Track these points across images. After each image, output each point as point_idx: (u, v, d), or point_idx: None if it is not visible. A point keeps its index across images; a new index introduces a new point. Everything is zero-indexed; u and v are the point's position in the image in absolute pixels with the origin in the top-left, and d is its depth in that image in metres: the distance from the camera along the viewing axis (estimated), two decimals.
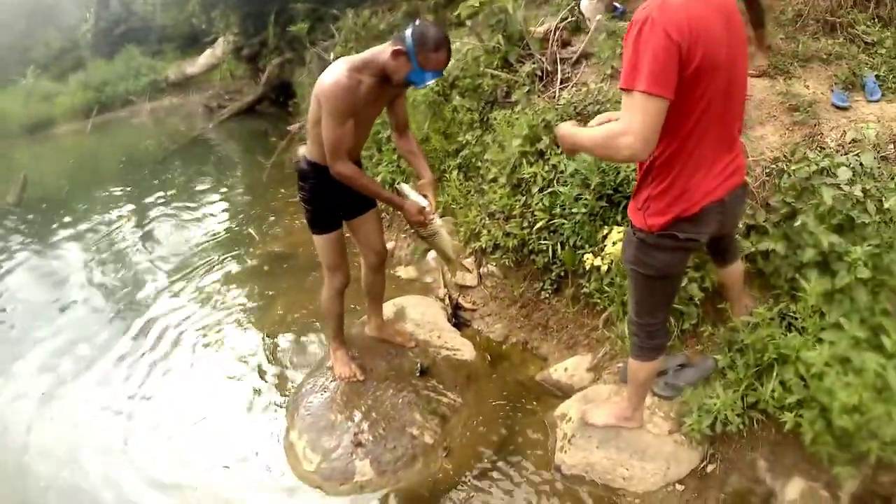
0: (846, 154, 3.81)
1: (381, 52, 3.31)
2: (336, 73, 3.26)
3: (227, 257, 7.07)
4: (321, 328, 5.13)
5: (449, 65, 5.72)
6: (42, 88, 19.96)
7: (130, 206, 9.77)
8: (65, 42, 23.97)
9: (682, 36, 2.15)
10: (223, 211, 8.81)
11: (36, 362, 5.56)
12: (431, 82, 3.39)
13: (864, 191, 3.45)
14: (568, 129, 2.63)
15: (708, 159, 2.56)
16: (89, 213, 9.67)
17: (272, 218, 8.01)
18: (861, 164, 3.63)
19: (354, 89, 3.26)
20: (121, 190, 10.79)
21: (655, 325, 3.03)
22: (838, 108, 4.31)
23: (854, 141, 3.93)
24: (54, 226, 9.30)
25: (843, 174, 3.55)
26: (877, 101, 4.35)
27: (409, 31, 3.22)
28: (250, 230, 7.72)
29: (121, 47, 20.89)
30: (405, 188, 3.61)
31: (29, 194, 10.88)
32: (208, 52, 18.60)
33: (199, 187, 10.24)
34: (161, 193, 10.13)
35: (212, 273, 6.73)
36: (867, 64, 4.63)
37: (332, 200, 3.71)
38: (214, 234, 7.85)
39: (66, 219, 9.50)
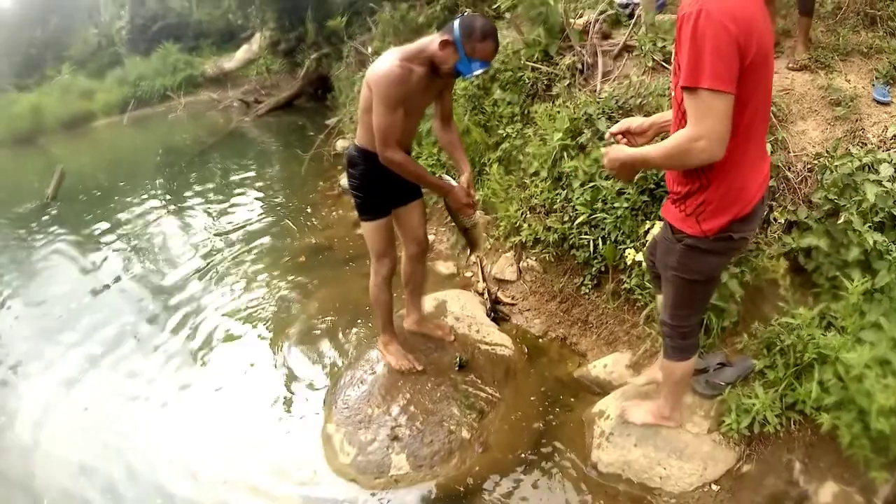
0: (888, 150, 3.75)
1: (431, 42, 3.34)
2: (389, 62, 3.29)
3: (263, 249, 7.15)
4: (359, 320, 5.14)
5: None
6: (79, 84, 20.32)
7: (167, 199, 9.93)
8: (101, 38, 24.37)
9: (738, 27, 2.07)
10: (260, 203, 8.87)
11: (67, 350, 5.66)
12: (479, 73, 3.37)
13: None
14: (627, 151, 2.53)
15: (758, 154, 2.52)
16: (126, 205, 9.83)
17: (309, 210, 8.07)
18: None
19: (406, 79, 3.29)
20: (158, 182, 10.98)
21: (690, 326, 2.99)
22: (879, 103, 4.23)
23: (895, 137, 3.87)
24: (91, 217, 9.49)
25: (885, 171, 3.50)
26: None
27: (456, 22, 3.25)
28: (287, 221, 7.77)
29: (157, 44, 21.18)
30: (447, 178, 3.62)
31: (67, 187, 11.06)
32: (245, 47, 18.80)
33: (237, 180, 10.35)
34: (198, 186, 10.32)
35: (248, 264, 6.79)
36: None
37: (381, 187, 3.70)
38: (251, 226, 7.92)
39: (104, 211, 9.71)
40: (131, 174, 12.07)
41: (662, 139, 2.50)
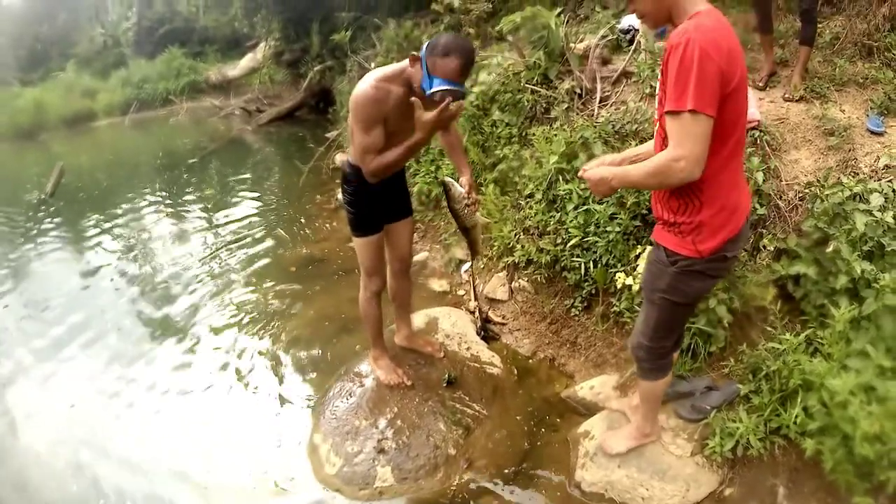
0: (879, 180, 3.82)
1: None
2: (364, 84, 3.30)
3: (257, 256, 7.18)
4: (349, 331, 5.18)
5: (490, 79, 5.73)
6: (83, 83, 20.40)
7: (165, 202, 9.98)
8: (107, 38, 24.49)
9: (721, 55, 2.20)
10: (257, 212, 8.90)
11: (57, 348, 5.69)
12: (439, 90, 3.14)
13: (895, 217, 3.46)
14: (608, 170, 2.64)
15: (741, 174, 2.66)
16: (125, 206, 9.89)
17: (303, 220, 8.11)
18: (893, 191, 3.65)
19: (381, 99, 3.29)
20: (157, 185, 11.02)
21: (668, 346, 3.07)
22: (873, 133, 4.30)
23: (887, 167, 3.94)
24: (90, 216, 9.55)
25: (876, 200, 3.57)
26: None
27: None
28: (280, 231, 7.82)
29: (163, 47, 21.27)
30: (450, 179, 3.59)
31: (66, 185, 11.14)
32: (249, 55, 18.78)
33: (235, 187, 10.40)
34: (196, 191, 10.39)
35: (240, 271, 6.84)
36: None
37: (373, 204, 3.76)
38: (246, 234, 7.95)
39: (102, 210, 9.76)
40: (131, 175, 12.14)
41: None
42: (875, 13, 5.15)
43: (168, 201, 9.98)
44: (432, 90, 3.14)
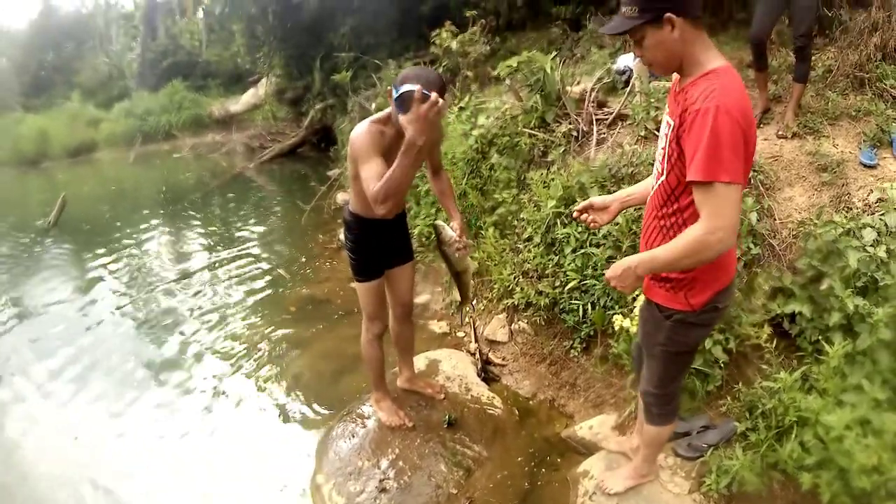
0: (872, 214, 3.87)
1: None
2: (359, 128, 3.36)
3: (257, 296, 7.25)
4: (351, 371, 5.22)
5: (488, 122, 5.81)
6: (87, 113, 20.62)
7: (167, 237, 10.10)
8: (112, 69, 24.75)
9: (745, 119, 2.17)
10: (258, 250, 8.97)
11: (57, 383, 5.72)
12: (399, 93, 3.10)
13: (888, 251, 3.51)
14: (629, 259, 2.50)
15: None
16: (126, 239, 10.02)
17: (304, 260, 8.18)
18: (886, 225, 3.69)
19: (376, 135, 3.32)
20: (160, 220, 11.17)
21: (675, 390, 3.10)
22: (866, 166, 4.35)
23: (880, 200, 3.99)
24: (92, 247, 9.68)
25: (868, 235, 3.63)
26: None
27: None
28: (280, 271, 7.89)
29: (166, 80, 21.49)
30: (441, 224, 3.59)
31: (69, 215, 11.29)
32: (251, 91, 18.96)
33: (237, 225, 10.51)
34: (199, 228, 10.52)
35: (241, 310, 6.89)
36: (895, 120, 4.65)
37: (374, 250, 3.83)
38: (247, 272, 8.02)
39: (105, 242, 9.90)
40: (134, 208, 12.28)
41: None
42: (866, 43, 5.20)
43: (170, 236, 10.10)
44: (395, 96, 3.11)
